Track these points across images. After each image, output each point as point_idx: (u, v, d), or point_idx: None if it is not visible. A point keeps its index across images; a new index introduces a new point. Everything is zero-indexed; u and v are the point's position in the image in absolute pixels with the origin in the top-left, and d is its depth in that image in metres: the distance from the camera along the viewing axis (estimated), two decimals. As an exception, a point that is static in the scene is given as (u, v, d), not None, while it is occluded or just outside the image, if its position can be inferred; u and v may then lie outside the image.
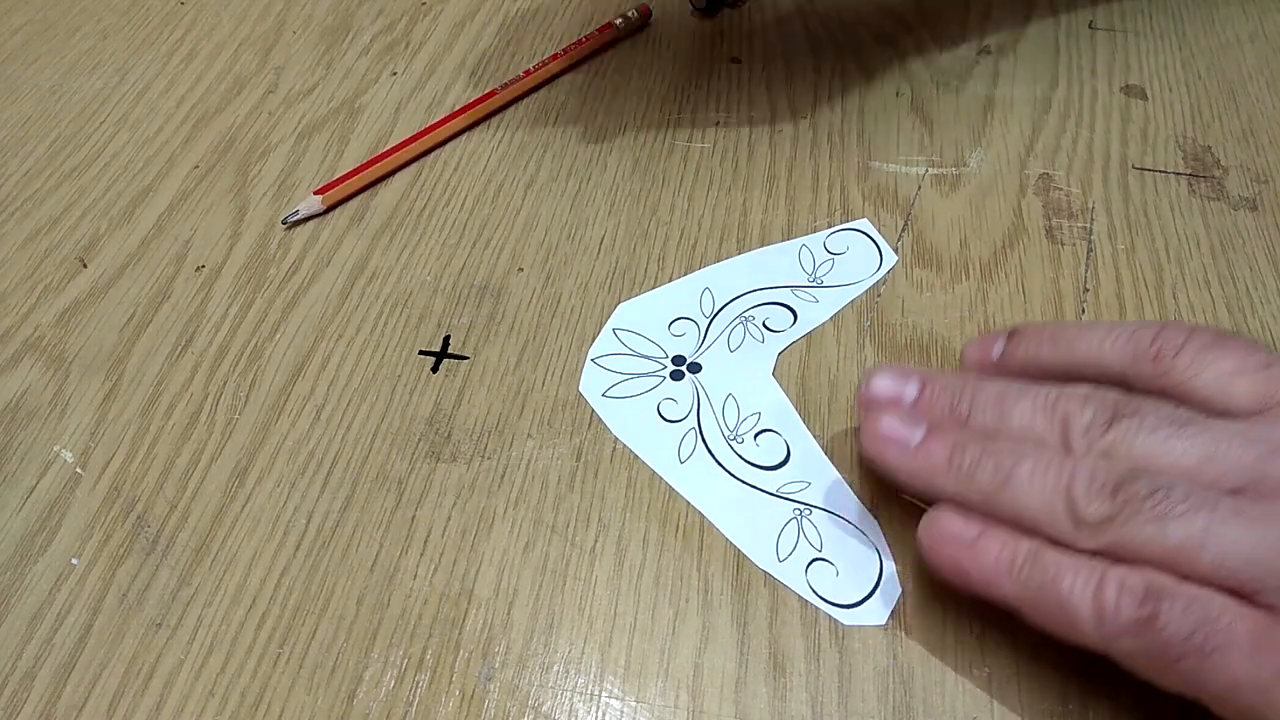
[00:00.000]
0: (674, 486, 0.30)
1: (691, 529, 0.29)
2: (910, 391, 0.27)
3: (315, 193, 0.38)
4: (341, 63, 0.44)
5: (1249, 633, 0.21)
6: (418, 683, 0.26)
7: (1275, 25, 0.44)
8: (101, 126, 0.42)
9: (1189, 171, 0.38)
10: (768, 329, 0.33)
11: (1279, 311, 0.33)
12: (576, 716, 0.25)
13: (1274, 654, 0.21)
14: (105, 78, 0.44)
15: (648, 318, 0.34)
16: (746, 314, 0.34)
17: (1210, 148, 0.39)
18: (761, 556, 0.28)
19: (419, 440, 0.31)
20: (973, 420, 0.26)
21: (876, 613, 0.27)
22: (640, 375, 0.32)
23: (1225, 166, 0.38)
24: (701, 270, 0.35)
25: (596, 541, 0.29)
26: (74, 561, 0.28)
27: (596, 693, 0.26)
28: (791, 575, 0.28)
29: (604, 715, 0.25)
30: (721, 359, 0.33)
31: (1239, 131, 0.39)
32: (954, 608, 0.27)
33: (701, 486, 0.30)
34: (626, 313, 0.34)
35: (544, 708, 0.26)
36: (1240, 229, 0.36)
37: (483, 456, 0.30)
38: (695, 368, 0.32)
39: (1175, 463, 0.24)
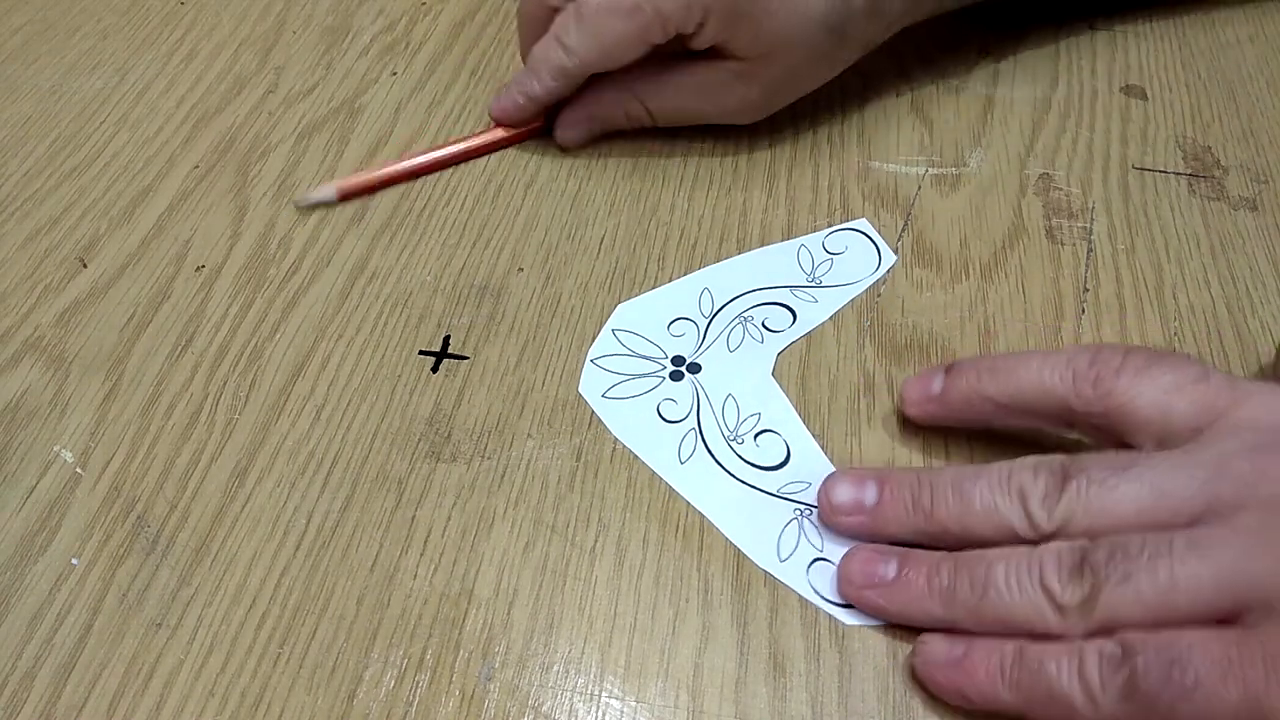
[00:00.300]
0: (674, 487, 0.30)
1: (691, 529, 0.29)
2: (870, 496, 0.27)
3: (339, 189, 0.38)
4: (341, 63, 0.44)
5: (1218, 655, 0.21)
6: (418, 683, 0.26)
7: (1275, 25, 0.44)
8: (101, 126, 0.42)
9: (1189, 171, 0.38)
10: (767, 329, 0.33)
11: (1279, 311, 0.33)
12: (576, 716, 0.25)
13: (1248, 667, 0.21)
14: (105, 78, 0.44)
15: (647, 318, 0.34)
16: (746, 314, 0.34)
17: (1210, 148, 0.39)
18: (763, 557, 0.28)
19: (419, 440, 0.31)
20: (935, 512, 0.26)
21: None
22: (640, 376, 0.32)
23: (1225, 166, 0.38)
24: (701, 270, 0.35)
25: (596, 541, 0.29)
26: (74, 561, 0.28)
27: (596, 693, 0.26)
28: (793, 575, 0.28)
29: (604, 715, 0.25)
30: (721, 359, 0.33)
31: (1239, 131, 0.39)
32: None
33: (702, 487, 0.30)
34: (626, 313, 0.34)
35: (544, 708, 0.26)
36: (1240, 229, 0.36)
37: (483, 456, 0.30)
38: (695, 368, 0.32)
39: (1130, 509, 0.24)
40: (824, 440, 0.31)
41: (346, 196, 0.38)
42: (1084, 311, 0.33)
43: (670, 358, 0.33)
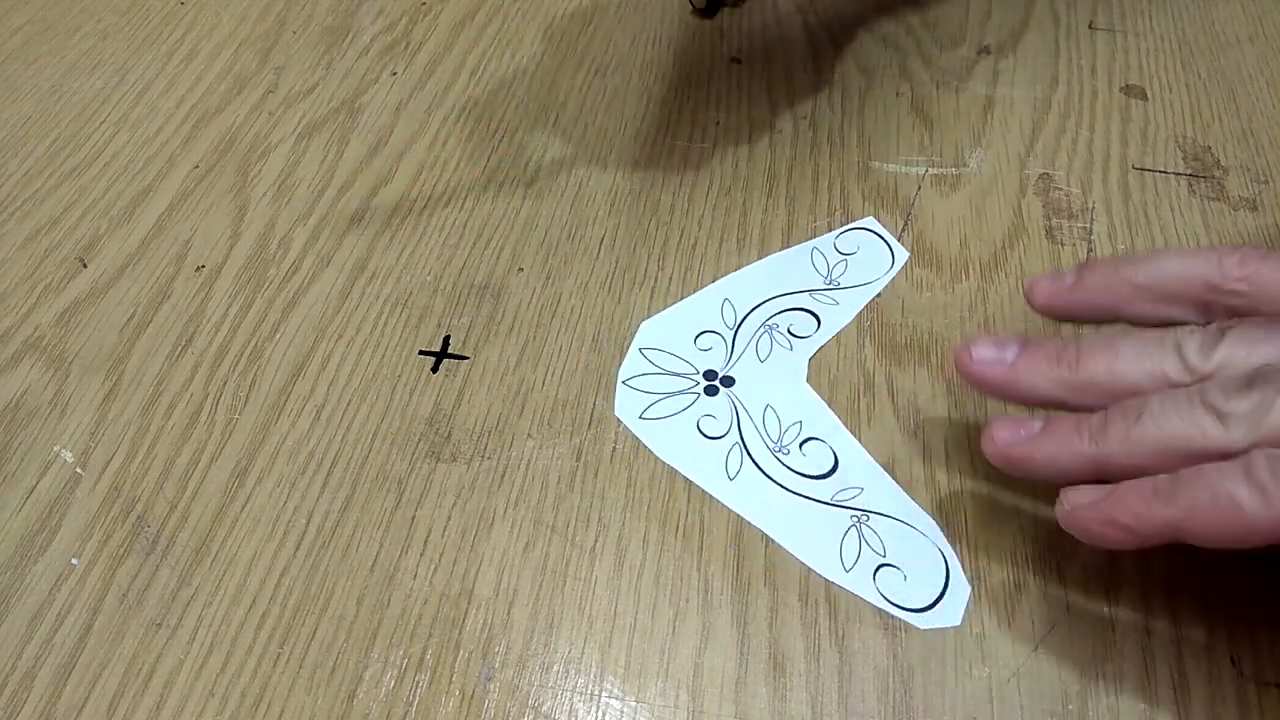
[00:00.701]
0: (727, 505, 0.29)
1: (691, 529, 0.29)
2: (1012, 351, 0.26)
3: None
4: (341, 63, 0.44)
5: None
6: (418, 683, 0.26)
7: (1275, 25, 0.44)
8: (101, 126, 0.42)
9: (1189, 171, 0.38)
10: (794, 335, 0.33)
11: (1279, 311, 0.33)
12: (576, 716, 0.25)
13: None
14: (105, 78, 0.44)
15: (672, 334, 0.33)
16: (770, 322, 0.33)
17: (1210, 148, 0.39)
18: (828, 568, 0.28)
19: (419, 440, 0.31)
20: (1083, 363, 0.25)
21: (950, 614, 0.27)
22: (674, 394, 0.32)
23: (1225, 166, 0.38)
24: (718, 281, 0.35)
25: (596, 541, 0.29)
26: (74, 561, 0.28)
27: (596, 693, 0.26)
28: (860, 584, 0.27)
29: (604, 715, 0.25)
30: (753, 370, 0.32)
31: (1239, 131, 0.39)
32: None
33: (755, 503, 0.29)
34: (651, 331, 0.33)
35: (544, 708, 0.26)
36: (1240, 229, 0.36)
37: (483, 456, 0.30)
38: (728, 381, 0.32)
39: None
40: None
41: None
42: (1084, 311, 0.33)
43: (702, 373, 0.32)
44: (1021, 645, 0.26)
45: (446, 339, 0.34)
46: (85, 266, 0.36)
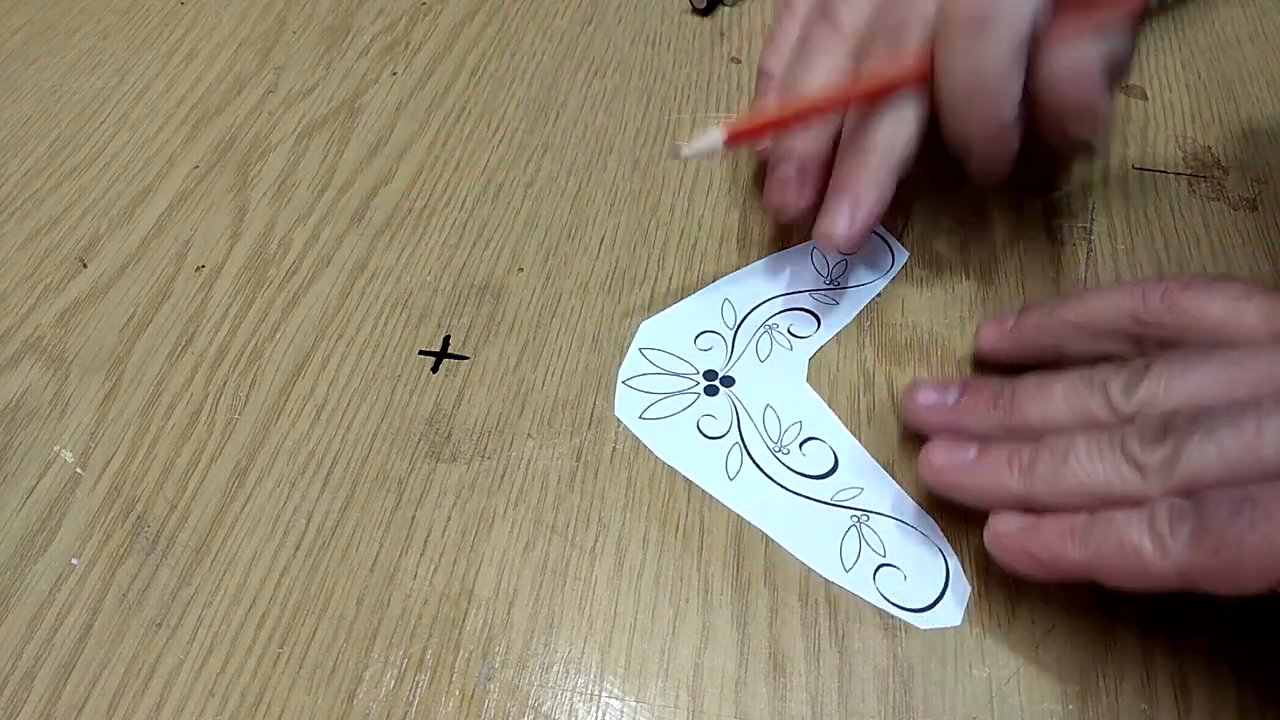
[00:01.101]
0: (727, 505, 0.29)
1: (691, 529, 0.29)
2: (952, 395, 0.28)
3: (728, 132, 0.30)
4: (341, 63, 0.44)
5: None
6: (418, 683, 0.26)
7: (1275, 25, 0.44)
8: (101, 126, 0.42)
9: (1189, 171, 0.38)
10: (793, 335, 0.33)
11: (1279, 311, 0.33)
12: (576, 716, 0.25)
13: None
14: (105, 78, 0.44)
15: (672, 334, 0.33)
16: (770, 322, 0.33)
17: (1210, 148, 0.39)
18: (828, 568, 0.28)
19: (419, 440, 0.31)
20: (1016, 406, 0.27)
21: (950, 614, 0.27)
22: (674, 394, 0.32)
23: (1225, 166, 0.38)
24: (718, 281, 0.35)
25: (596, 541, 0.29)
26: (74, 561, 0.28)
27: (596, 693, 0.26)
28: (860, 584, 0.27)
29: (604, 715, 0.25)
30: (753, 370, 0.32)
31: (1239, 131, 0.39)
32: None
33: (755, 503, 0.29)
34: (651, 331, 0.33)
35: (544, 708, 0.26)
36: (1240, 229, 0.36)
37: (483, 456, 0.30)
38: (728, 381, 0.32)
39: (1211, 385, 0.24)
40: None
41: (734, 141, 0.30)
42: (1084, 311, 0.33)
43: (702, 373, 0.32)
44: (1021, 645, 0.26)
45: (446, 339, 0.34)
46: (85, 266, 0.36)
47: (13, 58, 0.45)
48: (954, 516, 0.28)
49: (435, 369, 0.33)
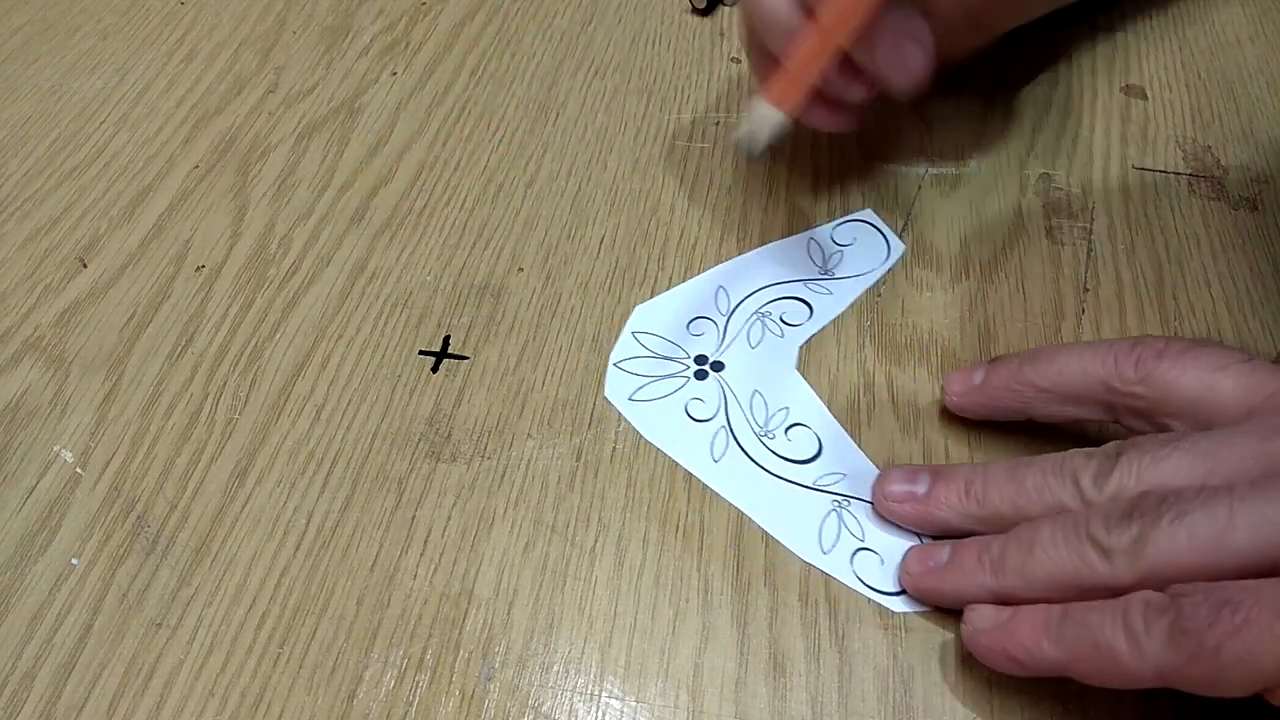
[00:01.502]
0: (711, 486, 0.29)
1: (691, 529, 0.29)
2: (922, 486, 0.28)
3: (777, 104, 0.30)
4: (341, 63, 0.44)
5: (1273, 598, 0.20)
6: (418, 683, 0.26)
7: (1275, 25, 0.44)
8: (101, 126, 0.42)
9: (1189, 171, 0.38)
10: (785, 323, 0.33)
11: (1279, 311, 0.33)
12: (576, 716, 0.25)
13: None
14: (105, 78, 0.44)
15: (665, 319, 0.34)
16: (763, 309, 0.34)
17: (1210, 148, 0.39)
18: (806, 550, 0.28)
19: (419, 440, 0.31)
20: (987, 497, 0.26)
21: None
22: (664, 377, 0.32)
23: (1225, 166, 0.38)
24: (714, 269, 0.35)
25: (596, 541, 0.29)
26: (74, 561, 0.28)
27: (596, 693, 0.26)
28: (838, 567, 0.28)
29: (604, 715, 0.25)
30: (743, 356, 0.33)
31: (1239, 131, 0.39)
32: (954, 608, 0.27)
33: (738, 485, 0.30)
34: (644, 315, 0.34)
35: (544, 708, 0.26)
36: (1240, 229, 0.36)
37: (483, 456, 0.30)
38: (718, 366, 0.32)
39: (1184, 477, 0.23)
40: (824, 440, 0.31)
41: (785, 101, 0.30)
42: (1084, 311, 0.33)
43: (693, 357, 0.33)
44: (1021, 645, 0.26)
45: (446, 339, 0.34)
46: (85, 266, 0.36)
47: (13, 58, 0.45)
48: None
49: (435, 369, 0.33)
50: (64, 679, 0.26)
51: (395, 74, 0.44)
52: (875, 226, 0.36)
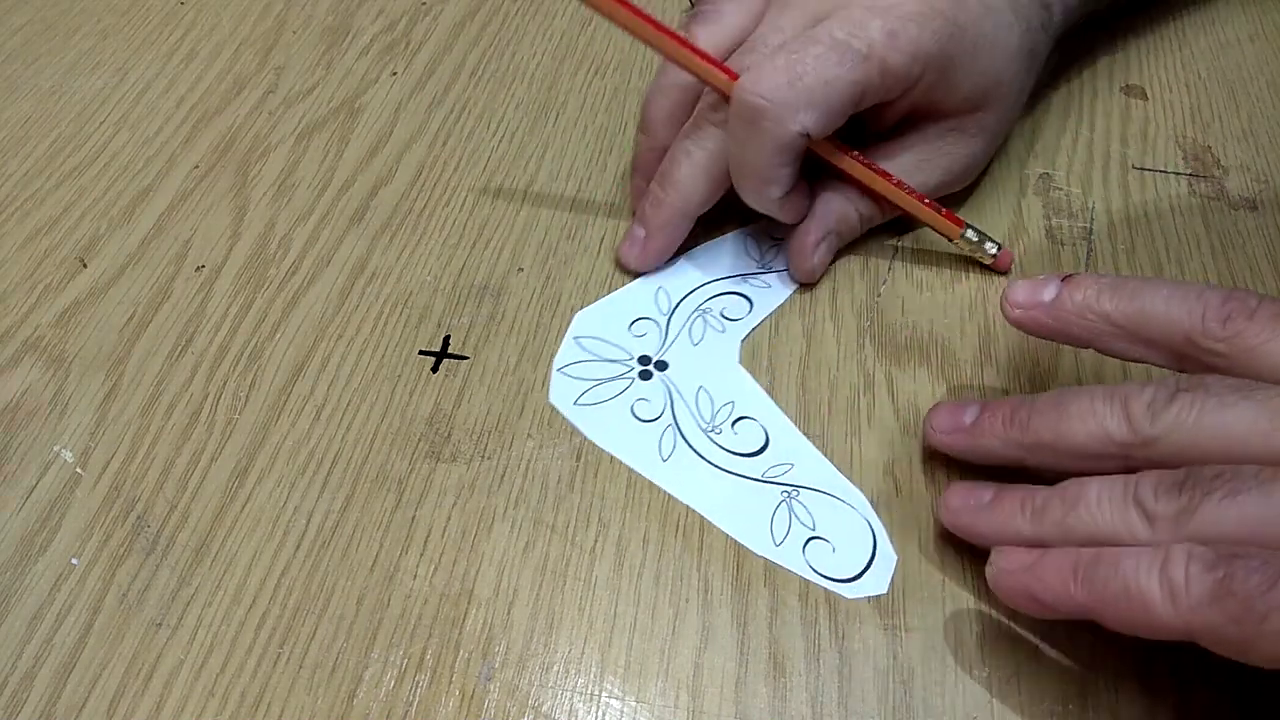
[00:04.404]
0: (661, 486, 0.30)
1: (691, 529, 0.29)
2: (969, 415, 0.27)
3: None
4: (341, 63, 0.44)
5: None
6: (418, 683, 0.26)
7: (1275, 25, 0.44)
8: (101, 126, 0.42)
9: (1189, 171, 0.38)
10: (726, 318, 0.34)
11: (1279, 311, 0.33)
12: (576, 716, 0.25)
13: None
14: (105, 78, 0.44)
15: (608, 322, 0.34)
16: (703, 306, 0.34)
17: (1210, 148, 0.39)
18: (758, 543, 0.28)
19: (419, 440, 0.31)
20: (1033, 421, 0.26)
21: (877, 583, 0.27)
22: (609, 380, 0.32)
23: (1225, 166, 0.38)
24: (654, 271, 0.35)
25: (596, 541, 0.29)
26: (74, 561, 0.28)
27: (596, 693, 0.26)
28: (790, 558, 0.28)
29: (604, 715, 0.25)
30: (686, 353, 0.33)
31: (1239, 131, 0.39)
32: (954, 608, 0.27)
33: (687, 482, 0.30)
34: (585, 320, 0.34)
35: (544, 708, 0.26)
36: (1240, 229, 0.36)
37: (483, 456, 0.30)
38: (662, 365, 0.32)
39: (1243, 431, 0.22)
40: (824, 440, 0.31)
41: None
42: (1084, 311, 0.33)
43: (637, 358, 0.33)
44: (1022, 645, 0.26)
45: (446, 339, 0.34)
46: (85, 266, 0.36)
47: (13, 58, 0.45)
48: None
49: (435, 369, 0.33)
50: (64, 679, 0.26)
51: (395, 74, 0.44)
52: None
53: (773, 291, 0.34)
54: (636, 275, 0.35)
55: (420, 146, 0.40)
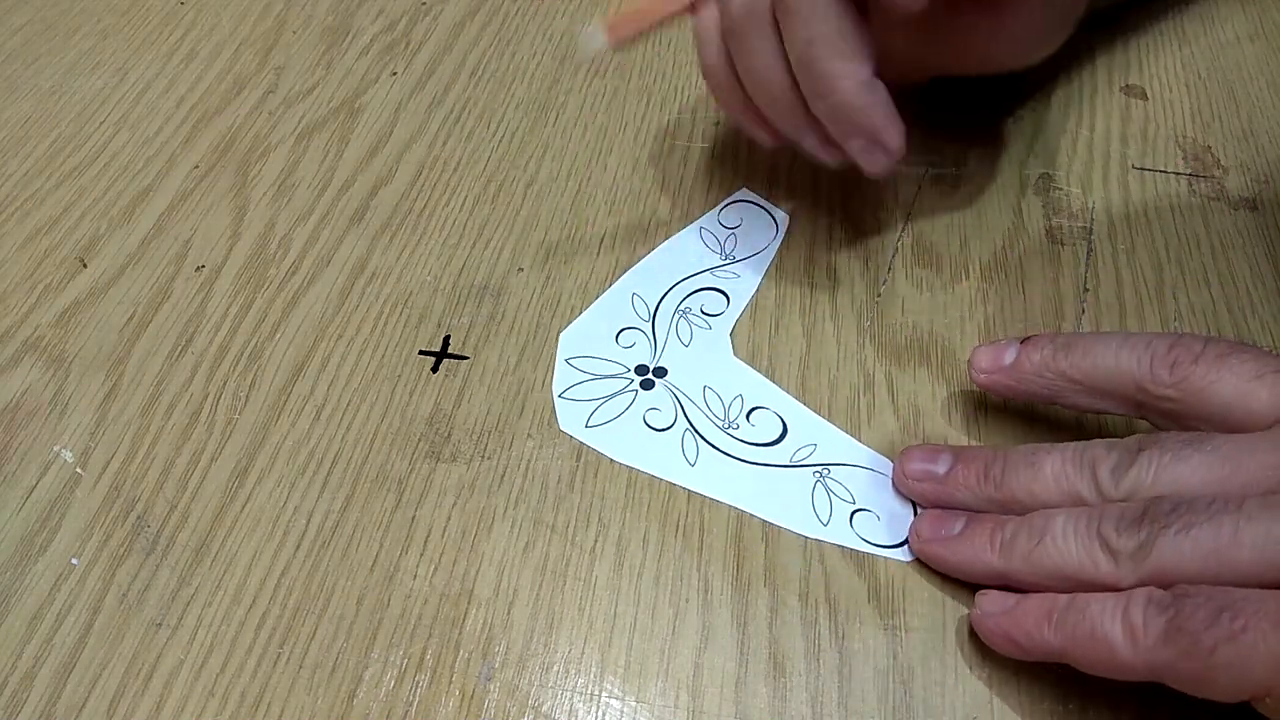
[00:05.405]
0: (696, 491, 0.29)
1: (691, 529, 0.29)
2: (942, 466, 0.28)
3: (612, 35, 0.32)
4: (341, 63, 0.44)
5: (1274, 611, 0.20)
6: (418, 683, 0.26)
7: (1275, 25, 0.44)
8: (101, 126, 0.42)
9: (1189, 171, 0.38)
10: (707, 314, 0.34)
11: (1279, 311, 0.33)
12: (576, 716, 0.25)
13: None
14: (105, 78, 0.44)
15: (593, 339, 0.33)
16: (682, 306, 0.34)
17: (1210, 148, 0.39)
18: (807, 527, 0.28)
19: (419, 440, 0.31)
20: (1006, 482, 0.26)
21: None
22: (612, 395, 0.32)
23: (1225, 166, 0.38)
24: (622, 278, 0.35)
25: (596, 541, 0.29)
26: (74, 561, 0.28)
27: (596, 693, 0.26)
28: (841, 534, 0.28)
29: (604, 715, 0.25)
30: (681, 356, 0.33)
31: (1239, 131, 0.39)
32: (954, 608, 0.27)
33: (721, 483, 0.29)
34: (571, 340, 0.33)
35: (544, 708, 0.26)
36: (1240, 229, 0.36)
37: (483, 456, 0.30)
38: (661, 372, 0.32)
39: (1200, 479, 0.24)
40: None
41: (619, 41, 0.33)
42: (1084, 311, 0.33)
43: (633, 369, 0.32)
44: (1021, 645, 0.26)
45: (446, 339, 0.34)
46: (85, 266, 0.36)
47: (13, 58, 0.45)
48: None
49: (435, 369, 0.33)
50: (64, 679, 0.26)
51: (395, 74, 0.44)
52: (755, 203, 0.37)
53: (743, 281, 0.34)
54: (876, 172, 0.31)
55: (420, 146, 0.40)
